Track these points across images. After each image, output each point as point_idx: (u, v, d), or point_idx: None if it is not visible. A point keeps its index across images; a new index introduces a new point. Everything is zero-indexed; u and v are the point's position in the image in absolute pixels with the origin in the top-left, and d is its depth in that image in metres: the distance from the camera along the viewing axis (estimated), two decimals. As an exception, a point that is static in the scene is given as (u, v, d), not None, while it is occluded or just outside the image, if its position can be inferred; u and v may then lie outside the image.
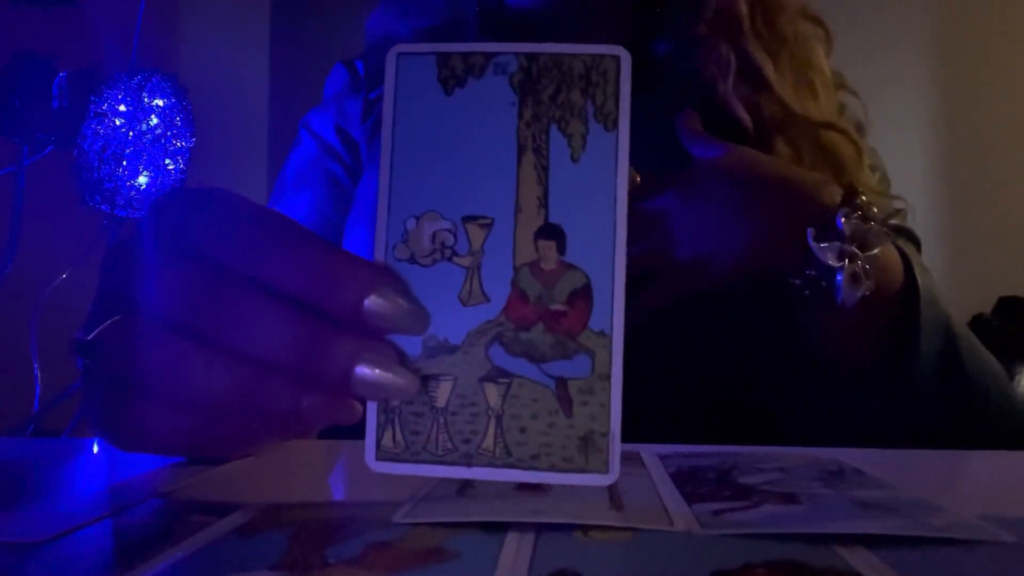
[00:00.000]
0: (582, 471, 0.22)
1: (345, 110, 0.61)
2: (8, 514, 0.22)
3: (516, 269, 0.23)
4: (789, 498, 0.22)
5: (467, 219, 0.23)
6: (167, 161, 1.01)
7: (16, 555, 0.18)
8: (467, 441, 0.23)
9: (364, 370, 0.22)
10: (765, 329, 0.45)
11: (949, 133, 1.81)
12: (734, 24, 0.52)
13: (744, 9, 0.52)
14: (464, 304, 0.23)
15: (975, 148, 1.81)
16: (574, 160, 0.23)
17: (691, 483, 0.24)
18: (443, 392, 0.23)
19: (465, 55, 0.24)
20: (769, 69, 0.51)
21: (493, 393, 0.23)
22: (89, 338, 0.24)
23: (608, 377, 0.22)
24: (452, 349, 0.23)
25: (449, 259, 0.23)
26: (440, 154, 0.24)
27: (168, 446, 0.26)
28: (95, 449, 0.32)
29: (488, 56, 0.24)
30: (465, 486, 0.24)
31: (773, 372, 0.45)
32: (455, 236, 0.23)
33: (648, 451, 0.30)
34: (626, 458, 0.28)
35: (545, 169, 0.23)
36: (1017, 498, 0.24)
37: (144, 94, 1.00)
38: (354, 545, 0.18)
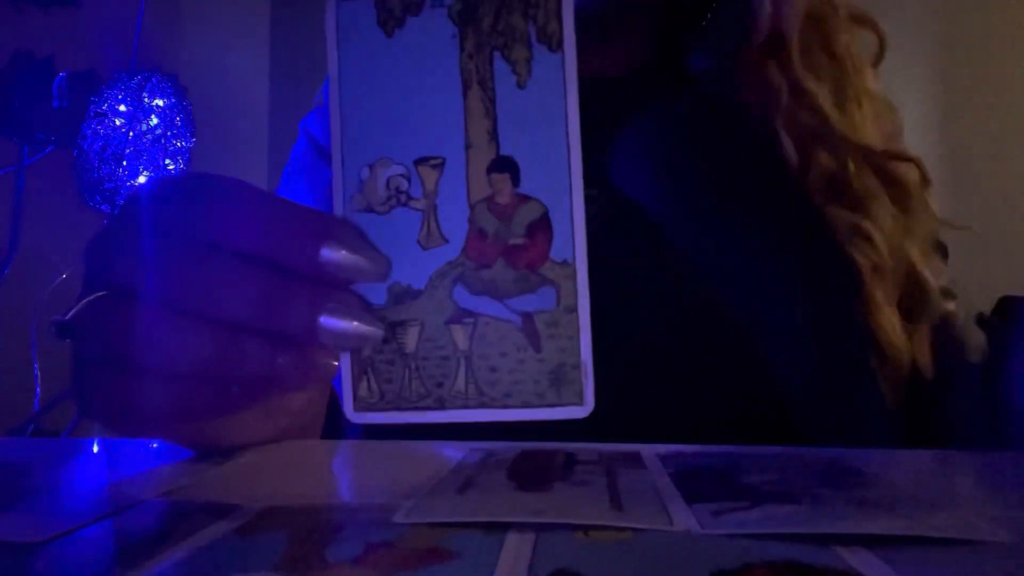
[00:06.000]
0: (556, 405, 0.22)
1: None
2: (8, 514, 0.22)
3: (472, 207, 0.23)
4: (789, 498, 0.22)
5: (419, 161, 0.23)
6: (167, 161, 1.01)
7: (16, 555, 0.18)
8: (439, 384, 0.23)
9: (329, 320, 0.22)
10: (771, 330, 0.45)
11: (948, 132, 1.81)
12: (785, 51, 0.47)
13: (795, 31, 0.48)
14: (424, 248, 0.23)
15: (975, 147, 1.81)
16: (520, 87, 0.23)
17: (691, 483, 0.24)
18: (411, 338, 0.23)
19: None
20: (824, 96, 0.47)
21: (460, 334, 0.23)
22: (67, 318, 0.25)
23: (575, 308, 0.22)
24: (416, 294, 0.23)
25: (405, 204, 0.23)
26: (386, 99, 0.23)
27: (155, 420, 0.26)
28: (95, 449, 0.32)
29: None
30: (465, 486, 0.24)
31: (776, 372, 0.45)
32: (409, 180, 0.23)
33: (648, 451, 0.30)
34: (626, 458, 0.28)
35: (492, 101, 0.23)
36: (1017, 498, 0.24)
37: (144, 94, 1.00)
38: (354, 545, 0.18)
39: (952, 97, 1.83)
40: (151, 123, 1.00)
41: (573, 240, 0.22)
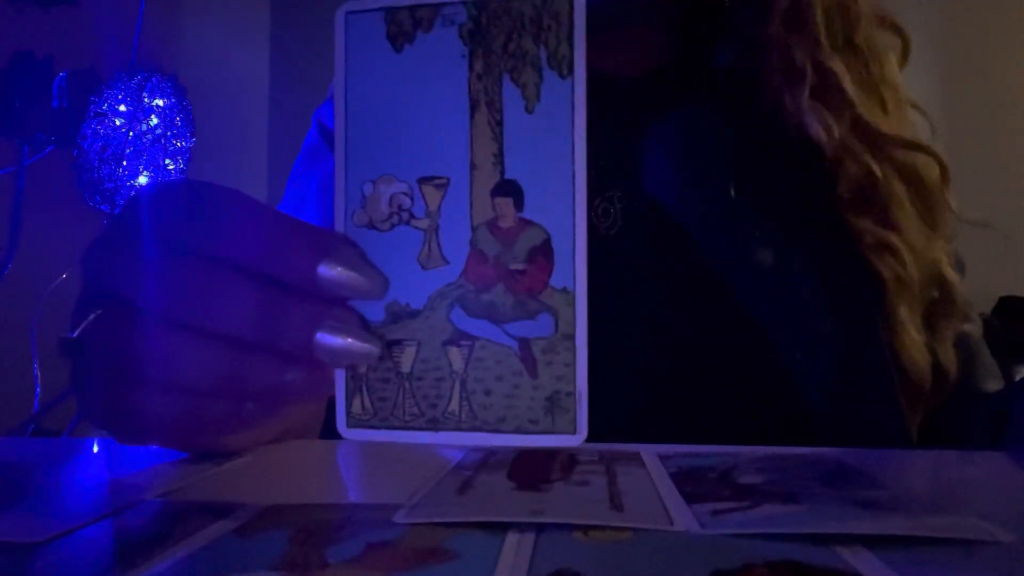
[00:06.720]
0: (549, 432, 0.22)
1: None
2: (8, 514, 0.22)
3: (474, 229, 0.23)
4: (789, 498, 0.22)
5: (422, 180, 0.23)
6: (167, 161, 1.01)
7: (16, 555, 0.18)
8: (433, 405, 0.23)
9: (325, 336, 0.22)
10: (773, 330, 0.45)
11: (948, 133, 1.81)
12: (808, 29, 0.47)
13: (820, 13, 0.47)
14: (424, 268, 0.23)
15: (974, 148, 1.81)
16: (528, 111, 0.23)
17: (691, 483, 0.24)
18: (407, 357, 0.23)
19: (413, 8, 0.23)
20: (847, 82, 0.47)
21: (456, 357, 0.23)
22: (74, 336, 0.25)
23: (572, 336, 0.22)
24: (414, 314, 0.23)
25: (407, 223, 0.23)
26: (393, 114, 0.23)
27: (163, 433, 0.26)
28: (95, 449, 0.32)
29: (436, 7, 0.23)
30: (465, 486, 0.24)
31: (778, 372, 0.45)
32: (412, 199, 0.23)
33: (648, 451, 0.30)
34: (626, 458, 0.28)
35: (499, 123, 0.23)
36: (1017, 498, 0.24)
37: (144, 94, 1.00)
38: (354, 545, 0.18)
39: (952, 103, 1.83)
40: (151, 123, 1.00)
41: (574, 268, 0.22)
